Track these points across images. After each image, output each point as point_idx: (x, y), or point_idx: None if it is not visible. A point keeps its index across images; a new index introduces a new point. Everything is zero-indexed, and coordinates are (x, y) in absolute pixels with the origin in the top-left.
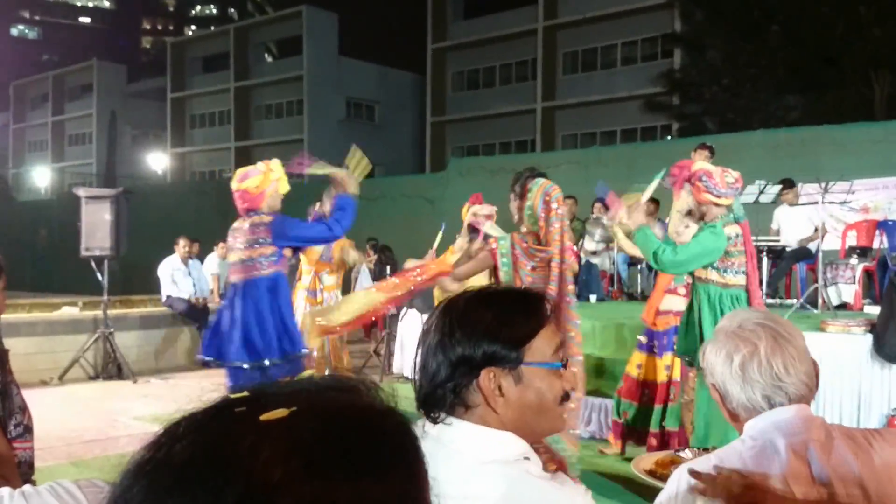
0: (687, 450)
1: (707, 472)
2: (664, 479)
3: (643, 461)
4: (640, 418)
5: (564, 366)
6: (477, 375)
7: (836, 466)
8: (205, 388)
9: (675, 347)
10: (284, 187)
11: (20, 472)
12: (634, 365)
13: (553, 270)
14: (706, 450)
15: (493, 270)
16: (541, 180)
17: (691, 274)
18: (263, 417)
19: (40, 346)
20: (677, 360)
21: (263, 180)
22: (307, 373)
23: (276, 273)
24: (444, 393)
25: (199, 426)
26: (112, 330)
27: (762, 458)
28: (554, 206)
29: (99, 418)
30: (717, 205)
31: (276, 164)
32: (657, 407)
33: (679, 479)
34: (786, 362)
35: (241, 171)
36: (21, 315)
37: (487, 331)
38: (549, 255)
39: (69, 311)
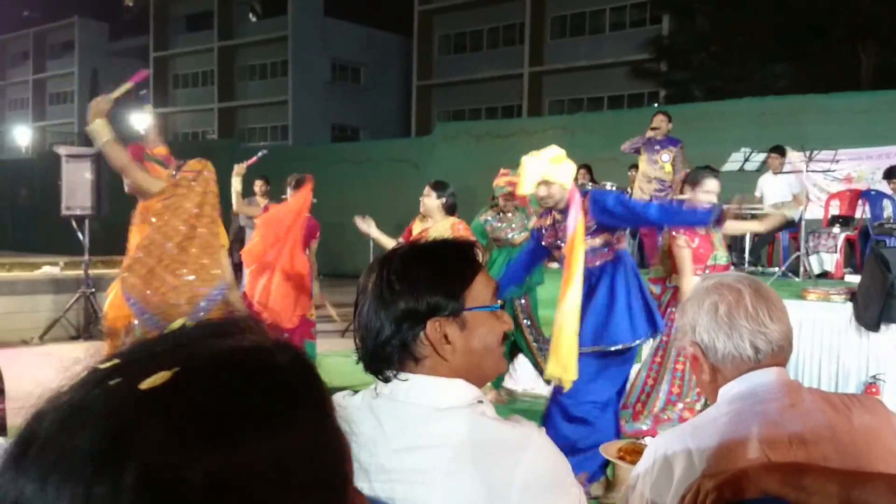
0: (647, 437)
1: (681, 445)
2: (633, 463)
3: (610, 448)
4: None
5: (502, 307)
6: (423, 327)
7: (814, 429)
8: None
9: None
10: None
11: None
12: None
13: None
14: None
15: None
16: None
17: None
18: (144, 385)
19: (21, 306)
20: None
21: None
22: (177, 322)
23: None
24: (391, 350)
25: (74, 408)
26: (94, 290)
27: (738, 425)
28: None
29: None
30: None
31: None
32: None
33: (655, 449)
34: (769, 309)
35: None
36: (1, 274)
37: (428, 282)
38: None
39: (50, 270)
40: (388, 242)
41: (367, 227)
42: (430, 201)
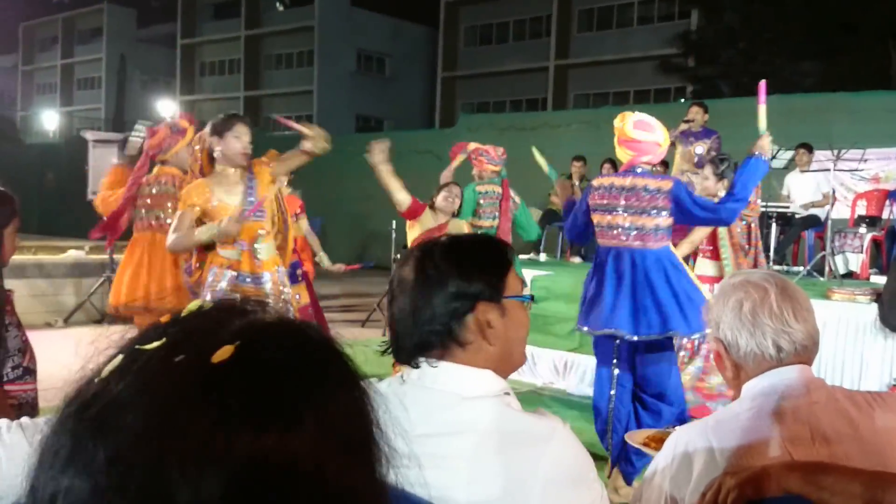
0: (677, 427)
1: (703, 441)
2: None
3: (636, 436)
4: None
5: (532, 299)
6: (471, 310)
7: (837, 427)
8: None
9: None
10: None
11: (23, 413)
12: None
13: None
14: None
15: None
16: None
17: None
18: (216, 358)
19: (45, 289)
20: None
21: (667, 136)
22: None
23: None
24: (435, 335)
25: (154, 385)
26: None
27: (760, 421)
28: None
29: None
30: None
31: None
32: None
33: (675, 443)
34: (794, 309)
35: (635, 115)
36: (27, 257)
37: (475, 266)
38: None
39: (75, 254)
40: (395, 185)
41: (378, 155)
42: (458, 201)
